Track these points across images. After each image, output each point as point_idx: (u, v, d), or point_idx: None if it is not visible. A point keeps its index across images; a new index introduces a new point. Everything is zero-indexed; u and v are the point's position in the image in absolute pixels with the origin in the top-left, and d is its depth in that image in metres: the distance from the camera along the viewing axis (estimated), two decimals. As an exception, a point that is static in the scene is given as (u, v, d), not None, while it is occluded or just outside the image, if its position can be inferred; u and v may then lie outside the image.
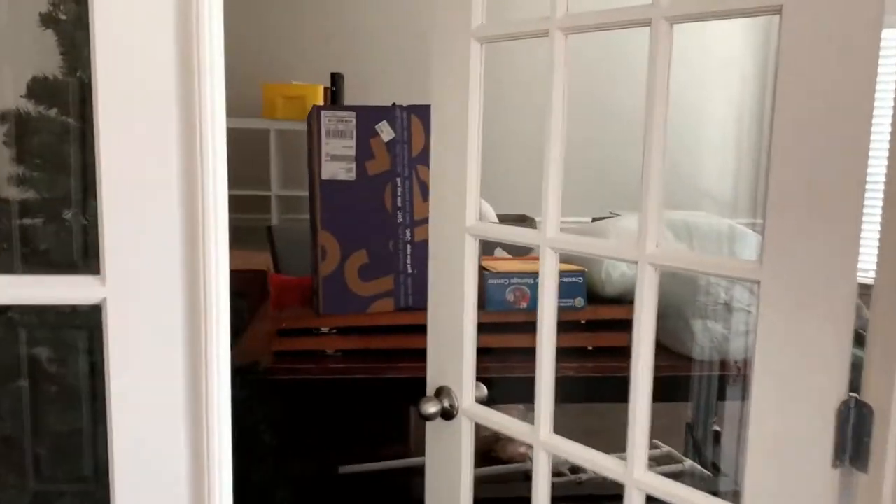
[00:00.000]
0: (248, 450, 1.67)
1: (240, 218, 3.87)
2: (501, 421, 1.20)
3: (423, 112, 2.03)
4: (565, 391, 2.22)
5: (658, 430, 2.89)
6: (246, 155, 3.89)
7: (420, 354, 1.56)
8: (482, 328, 2.05)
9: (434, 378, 1.30)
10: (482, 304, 2.09)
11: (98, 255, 0.71)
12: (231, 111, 3.01)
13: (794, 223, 0.80)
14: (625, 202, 3.66)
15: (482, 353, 2.09)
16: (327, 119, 1.97)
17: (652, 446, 2.81)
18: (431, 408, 1.25)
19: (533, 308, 2.06)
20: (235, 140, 4.39)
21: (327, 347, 2.01)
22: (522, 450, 2.77)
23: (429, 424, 1.31)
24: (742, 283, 1.91)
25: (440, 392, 1.28)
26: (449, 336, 1.25)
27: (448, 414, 1.26)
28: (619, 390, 2.12)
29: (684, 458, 2.73)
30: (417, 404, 1.25)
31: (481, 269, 2.09)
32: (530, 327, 2.05)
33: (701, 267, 0.92)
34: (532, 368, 2.02)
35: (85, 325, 1.32)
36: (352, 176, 1.99)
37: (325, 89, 3.60)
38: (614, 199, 3.75)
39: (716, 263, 0.91)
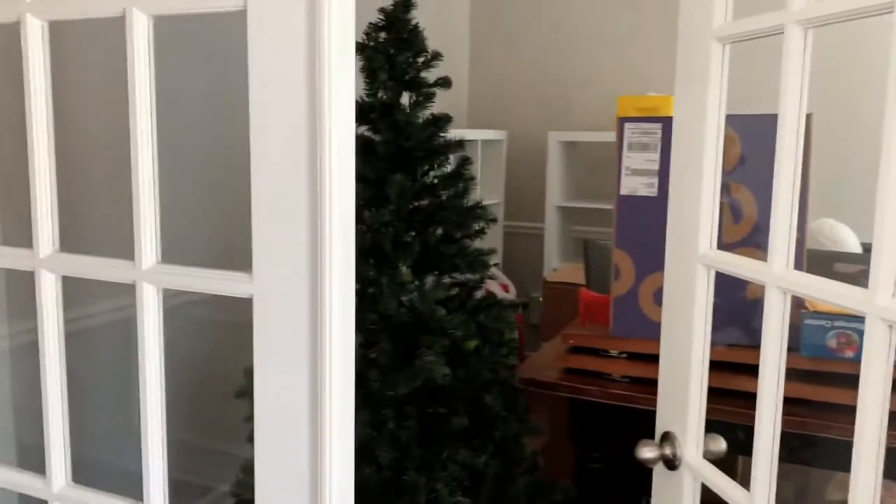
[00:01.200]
0: (507, 459, 1.69)
1: (588, 231, 3.91)
2: (721, 484, 1.02)
3: (739, 122, 1.82)
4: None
5: None
6: (599, 168, 3.90)
7: (712, 392, 1.46)
8: (791, 375, 1.77)
9: (662, 422, 1.16)
10: (795, 348, 1.80)
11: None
12: (581, 125, 3.07)
13: None
14: None
15: (790, 402, 1.80)
16: (630, 131, 1.88)
17: None
18: (648, 453, 1.12)
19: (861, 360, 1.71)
20: (588, 154, 4.42)
21: (613, 371, 1.92)
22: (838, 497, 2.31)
23: (655, 468, 1.18)
24: None
25: (665, 437, 1.14)
26: (676, 378, 1.11)
27: (670, 463, 1.12)
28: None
29: None
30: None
31: (799, 306, 1.80)
32: (853, 382, 1.72)
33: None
34: (851, 430, 1.68)
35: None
36: (653, 192, 1.87)
37: (682, 101, 3.43)
38: None
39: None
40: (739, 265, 0.96)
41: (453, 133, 1.68)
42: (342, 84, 0.74)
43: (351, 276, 0.78)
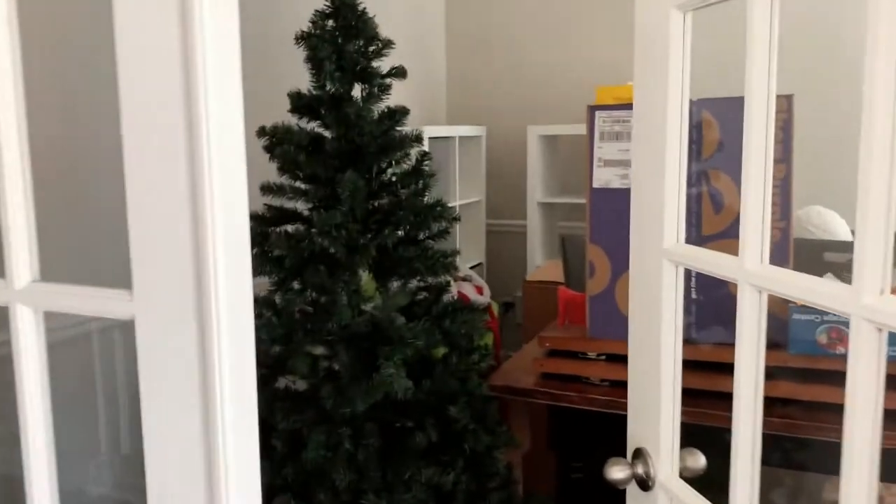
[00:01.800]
0: (479, 474, 1.57)
1: (571, 227, 3.79)
2: (698, 507, 0.91)
3: (717, 107, 1.70)
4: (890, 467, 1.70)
5: None
6: (581, 162, 3.79)
7: (700, 395, 1.46)
8: (779, 373, 1.66)
9: (633, 437, 1.05)
10: (784, 345, 1.69)
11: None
12: (561, 118, 2.93)
13: None
14: None
15: (778, 403, 1.70)
16: (602, 120, 1.77)
17: None
18: (618, 473, 1.00)
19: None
20: (570, 148, 4.30)
21: (592, 375, 1.81)
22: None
23: (628, 489, 1.07)
24: None
25: (637, 455, 1.02)
26: (646, 389, 1.00)
27: (643, 483, 1.01)
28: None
29: None
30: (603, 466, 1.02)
31: (785, 301, 1.69)
32: (846, 379, 1.61)
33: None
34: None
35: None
36: (627, 183, 1.76)
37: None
38: None
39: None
40: (708, 261, 0.85)
41: (422, 128, 1.56)
42: (221, 67, 0.63)
43: (247, 289, 0.66)
